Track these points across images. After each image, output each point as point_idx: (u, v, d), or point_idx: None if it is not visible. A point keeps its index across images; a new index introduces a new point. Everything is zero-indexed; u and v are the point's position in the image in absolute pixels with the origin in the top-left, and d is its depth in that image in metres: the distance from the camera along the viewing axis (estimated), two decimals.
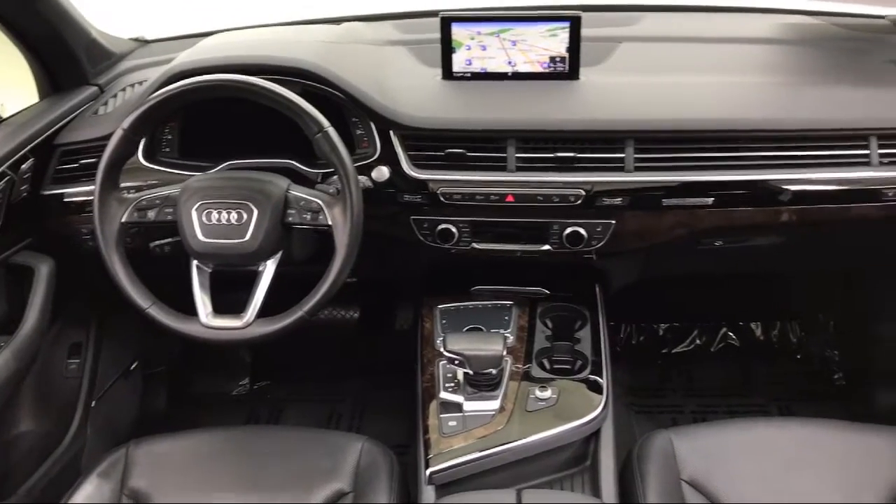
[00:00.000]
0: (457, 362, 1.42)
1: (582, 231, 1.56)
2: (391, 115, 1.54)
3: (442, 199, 1.54)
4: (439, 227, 1.59)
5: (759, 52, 1.81)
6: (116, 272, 1.40)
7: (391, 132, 1.55)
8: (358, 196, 1.35)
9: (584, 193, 1.51)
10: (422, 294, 1.75)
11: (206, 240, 1.37)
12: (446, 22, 1.62)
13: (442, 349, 1.44)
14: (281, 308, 1.39)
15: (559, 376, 1.50)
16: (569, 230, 1.57)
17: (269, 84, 1.35)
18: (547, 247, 1.61)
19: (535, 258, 1.65)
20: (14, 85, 1.77)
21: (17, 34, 1.66)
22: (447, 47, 1.65)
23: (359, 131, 1.56)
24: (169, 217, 1.41)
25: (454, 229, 1.59)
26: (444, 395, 1.44)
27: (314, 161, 1.56)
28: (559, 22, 1.60)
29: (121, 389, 2.04)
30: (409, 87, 1.64)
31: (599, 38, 1.79)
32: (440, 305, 1.69)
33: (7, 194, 1.54)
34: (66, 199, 1.64)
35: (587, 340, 1.59)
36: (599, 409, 1.42)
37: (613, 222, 1.56)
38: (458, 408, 1.41)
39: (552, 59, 1.64)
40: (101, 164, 1.38)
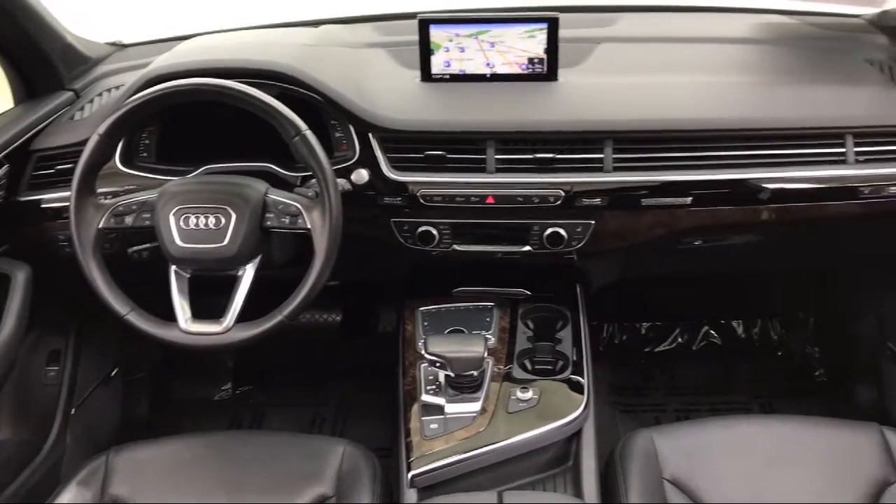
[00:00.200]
0: (438, 364, 1.42)
1: (562, 231, 1.57)
2: (370, 117, 1.53)
3: (422, 201, 1.54)
4: (420, 230, 1.59)
5: (736, 51, 1.82)
6: (94, 278, 1.39)
7: (370, 135, 1.54)
8: (337, 199, 1.35)
9: (563, 194, 1.52)
10: (403, 296, 1.75)
11: (184, 245, 1.36)
12: (424, 24, 1.62)
13: (423, 352, 1.44)
14: (262, 312, 1.39)
15: (541, 377, 1.50)
16: (549, 231, 1.57)
17: (246, 88, 1.35)
18: (527, 248, 1.61)
19: (515, 259, 1.65)
20: None
21: None
22: (425, 49, 1.64)
23: (338, 134, 1.56)
24: (146, 222, 1.40)
25: (435, 231, 1.59)
26: (425, 397, 1.44)
27: (293, 164, 1.55)
28: (537, 23, 1.60)
29: (101, 396, 2.03)
30: (387, 89, 1.64)
31: (577, 38, 1.80)
32: (421, 308, 1.69)
33: None
34: (42, 206, 1.63)
35: (568, 340, 1.60)
36: (581, 409, 1.42)
37: (593, 222, 1.56)
38: (440, 410, 1.41)
39: (530, 61, 1.64)
40: (77, 170, 1.37)
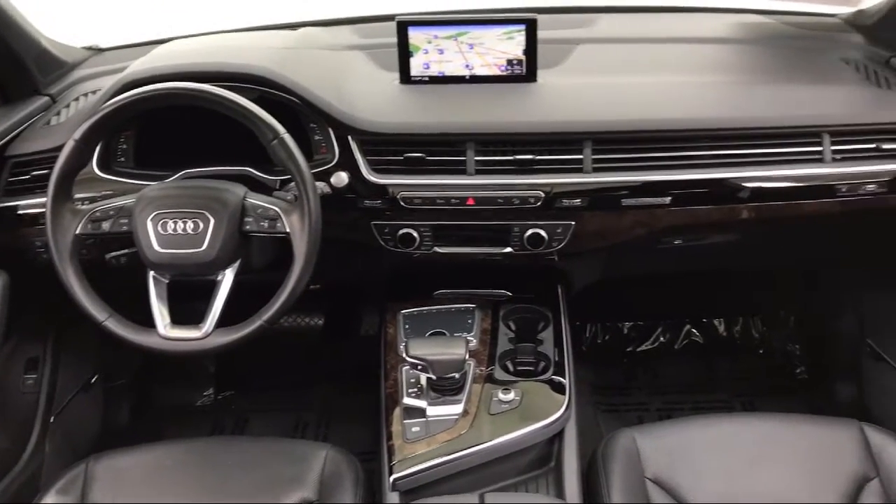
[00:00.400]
0: (419, 367, 1.42)
1: (542, 232, 1.57)
2: (349, 120, 1.53)
3: (402, 204, 1.54)
4: (400, 232, 1.59)
5: (714, 51, 1.84)
6: (71, 285, 1.37)
7: (349, 137, 1.54)
8: (316, 202, 1.34)
9: (543, 195, 1.52)
10: (385, 299, 1.74)
11: (162, 250, 1.35)
12: (403, 26, 1.62)
13: (404, 355, 1.44)
14: (243, 316, 1.38)
15: (522, 378, 1.51)
16: (529, 232, 1.57)
17: (223, 91, 1.34)
18: (508, 249, 1.61)
19: (497, 261, 1.65)
20: None
21: None
22: (404, 51, 1.64)
23: (317, 137, 1.55)
24: (124, 228, 1.39)
25: (415, 233, 1.59)
26: (407, 400, 1.44)
27: (272, 168, 1.54)
28: (515, 25, 1.61)
29: (81, 404, 2.01)
30: (366, 91, 1.64)
31: (556, 39, 1.80)
32: (403, 310, 1.68)
33: None
34: (18, 212, 1.61)
35: (550, 341, 1.60)
36: (562, 409, 1.42)
37: (573, 223, 1.56)
38: (422, 413, 1.41)
39: (509, 62, 1.64)
40: (52, 176, 1.36)
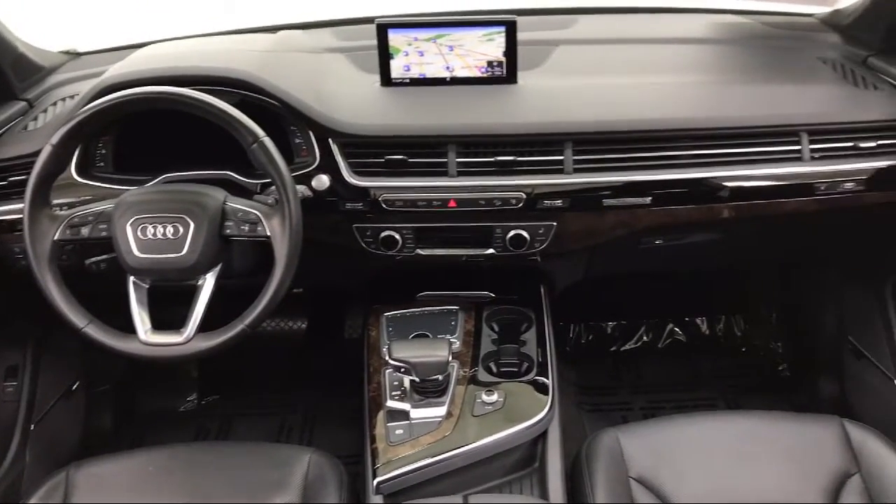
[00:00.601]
0: (403, 370, 1.42)
1: (524, 233, 1.57)
2: (329, 122, 1.52)
3: (384, 206, 1.54)
4: (382, 235, 1.59)
5: (692, 51, 1.85)
6: (50, 291, 1.36)
7: (330, 140, 1.54)
8: (296, 206, 1.34)
9: (525, 196, 1.52)
10: (368, 302, 1.74)
11: (142, 255, 1.34)
12: (382, 28, 1.62)
13: (387, 357, 1.43)
14: (227, 320, 1.37)
15: (506, 379, 1.51)
16: (512, 233, 1.58)
17: (201, 95, 1.34)
18: (491, 250, 1.61)
19: (479, 262, 1.65)
20: None
21: None
22: (384, 54, 1.64)
23: (297, 140, 1.55)
24: (103, 233, 1.38)
25: (397, 236, 1.59)
26: (390, 403, 1.44)
27: (252, 172, 1.54)
28: (495, 27, 1.61)
29: (62, 411, 1.99)
30: (347, 94, 1.63)
31: (536, 41, 1.81)
32: (386, 313, 1.68)
33: None
34: None
35: (533, 342, 1.60)
36: (546, 410, 1.42)
37: (555, 224, 1.57)
38: (405, 416, 1.41)
39: (490, 64, 1.65)
40: (29, 181, 1.35)
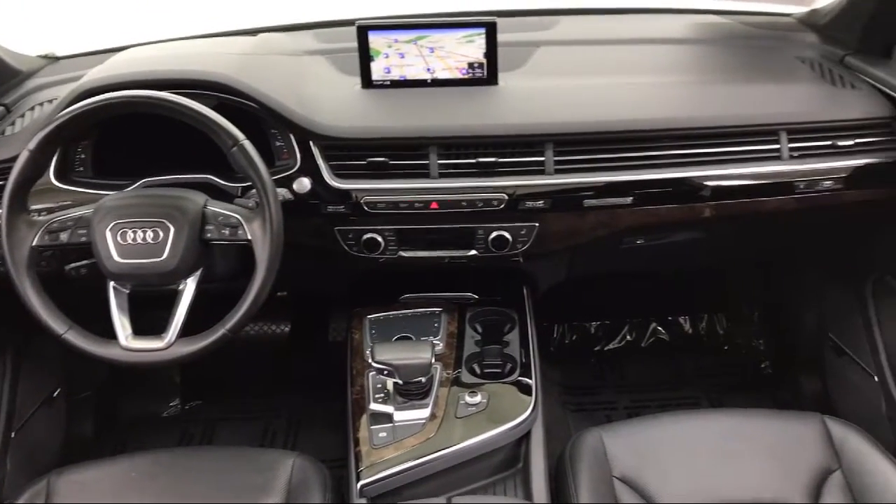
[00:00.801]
0: (386, 372, 1.41)
1: (506, 235, 1.58)
2: (310, 125, 1.52)
3: (366, 209, 1.53)
4: (365, 237, 1.58)
5: (672, 52, 1.86)
6: (29, 298, 1.35)
7: (311, 143, 1.53)
8: (277, 209, 1.33)
9: (506, 197, 1.52)
10: (351, 305, 1.73)
11: (121, 260, 1.33)
12: (363, 30, 1.62)
13: (370, 360, 1.43)
14: (210, 325, 1.36)
15: (489, 380, 1.51)
16: (494, 234, 1.58)
17: (180, 99, 1.33)
18: (473, 252, 1.61)
19: (462, 264, 1.65)
20: None
21: None
22: (365, 56, 1.64)
23: (278, 143, 1.54)
24: (83, 239, 1.36)
25: (380, 238, 1.58)
26: (373, 406, 1.44)
27: (233, 175, 1.53)
28: (475, 28, 1.61)
29: (43, 418, 1.97)
30: (328, 96, 1.63)
31: (517, 42, 1.82)
32: (369, 315, 1.68)
33: None
34: None
35: (516, 343, 1.60)
36: (529, 410, 1.43)
37: (537, 225, 1.57)
38: (389, 418, 1.41)
39: (470, 65, 1.65)
40: (7, 187, 1.33)
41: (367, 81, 1.66)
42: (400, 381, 1.41)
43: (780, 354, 2.39)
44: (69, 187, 1.55)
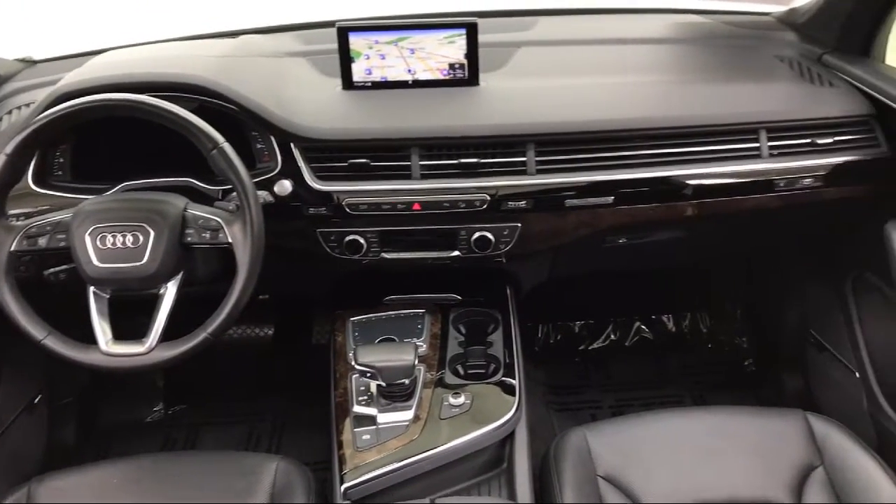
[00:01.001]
0: (369, 375, 1.41)
1: (489, 235, 1.58)
2: (290, 127, 1.51)
3: (348, 211, 1.53)
4: (347, 239, 1.58)
5: (652, 51, 1.87)
6: (7, 303, 1.33)
7: (292, 145, 1.52)
8: (258, 212, 1.33)
9: (488, 198, 1.52)
10: (334, 307, 1.73)
11: (101, 265, 1.32)
12: (343, 32, 1.61)
13: (353, 362, 1.43)
14: (192, 328, 1.36)
15: (473, 381, 1.51)
16: (476, 235, 1.58)
17: (159, 101, 1.32)
18: (456, 253, 1.61)
19: (445, 265, 1.65)
20: None
21: None
22: (346, 57, 1.63)
23: (259, 145, 1.54)
24: (61, 244, 1.35)
25: (362, 240, 1.58)
26: (357, 408, 1.43)
27: (213, 178, 1.52)
28: (456, 29, 1.61)
29: (24, 425, 1.95)
30: (308, 98, 1.62)
31: (498, 43, 1.82)
32: (352, 318, 1.67)
33: None
34: None
35: (499, 343, 1.60)
36: (513, 410, 1.42)
37: (519, 225, 1.57)
38: (372, 421, 1.40)
39: (451, 66, 1.65)
40: None
41: (349, 83, 1.66)
42: (383, 384, 1.41)
43: (763, 352, 2.41)
44: (48, 192, 1.53)
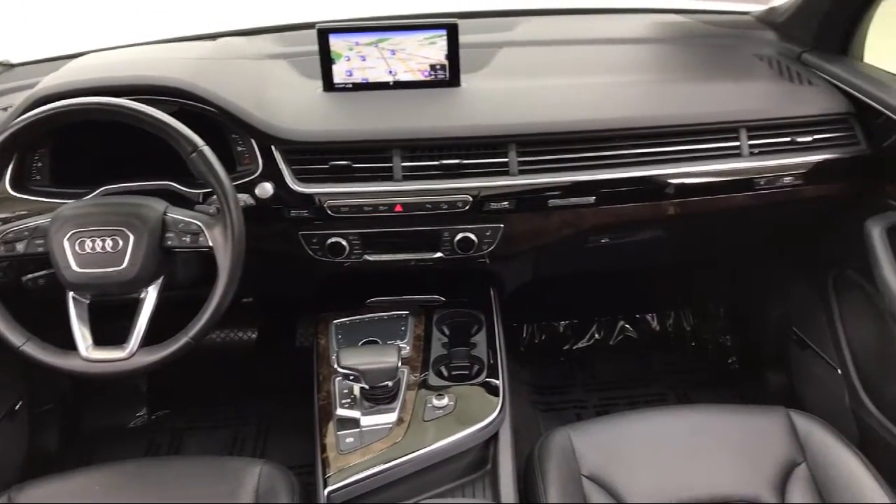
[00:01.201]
0: (352, 378, 1.41)
1: (472, 236, 1.58)
2: (271, 129, 1.51)
3: (330, 213, 1.52)
4: (329, 241, 1.57)
5: (633, 51, 1.87)
6: None
7: (273, 147, 1.52)
8: (238, 215, 1.32)
9: (471, 199, 1.52)
10: (317, 309, 1.72)
11: (80, 270, 1.31)
12: (323, 33, 1.61)
13: (336, 365, 1.42)
14: (174, 333, 1.35)
15: (456, 382, 1.50)
16: (459, 236, 1.58)
17: (138, 105, 1.31)
18: (439, 254, 1.61)
19: (428, 266, 1.64)
20: None
21: None
22: (326, 59, 1.63)
23: (239, 148, 1.53)
24: (40, 249, 1.34)
25: (344, 242, 1.58)
26: (340, 411, 1.42)
27: (194, 181, 1.51)
28: (436, 30, 1.61)
29: (5, 432, 1.93)
30: (289, 100, 1.62)
31: (479, 44, 1.82)
32: (335, 320, 1.67)
33: None
34: None
35: (483, 344, 1.60)
36: (496, 411, 1.42)
37: (502, 226, 1.57)
38: (356, 423, 1.40)
39: (432, 67, 1.64)
40: None
41: (329, 85, 1.65)
42: (366, 386, 1.40)
43: (747, 350, 2.42)
44: (26, 196, 1.52)
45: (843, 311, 1.87)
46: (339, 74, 1.64)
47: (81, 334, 1.34)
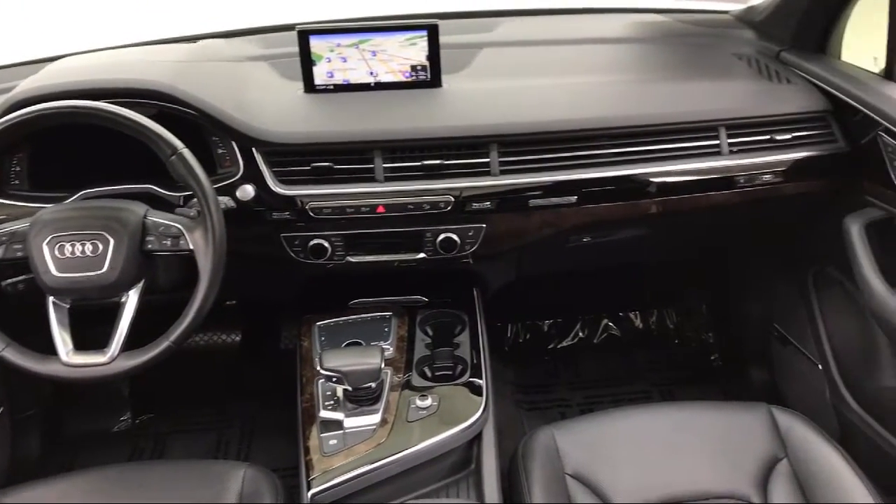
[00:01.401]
0: (335, 380, 1.40)
1: (454, 237, 1.58)
2: (251, 131, 1.50)
3: (311, 214, 1.52)
4: (311, 243, 1.57)
5: (614, 51, 1.88)
6: None
7: (253, 149, 1.51)
8: (219, 218, 1.32)
9: (453, 199, 1.52)
10: (301, 311, 1.72)
11: (60, 274, 1.30)
12: (304, 35, 1.60)
13: (319, 367, 1.42)
14: (156, 337, 1.34)
15: (440, 383, 1.50)
16: (442, 237, 1.58)
17: (116, 108, 1.30)
18: (422, 255, 1.61)
19: (411, 267, 1.65)
20: None
21: None
22: (307, 60, 1.63)
23: (220, 150, 1.52)
24: (18, 254, 1.33)
25: (327, 244, 1.57)
26: (323, 413, 1.42)
27: (174, 184, 1.50)
28: (417, 31, 1.61)
29: None
30: (270, 102, 1.61)
31: (459, 44, 1.82)
32: (318, 322, 1.66)
33: None
34: None
35: (466, 344, 1.60)
36: (480, 411, 1.42)
37: (484, 226, 1.57)
38: (339, 425, 1.39)
39: (413, 68, 1.65)
40: None
41: (310, 86, 1.65)
42: (349, 388, 1.40)
43: (729, 347, 2.43)
44: (4, 201, 1.51)
45: (824, 307, 1.88)
46: (319, 76, 1.64)
47: (62, 339, 1.33)
